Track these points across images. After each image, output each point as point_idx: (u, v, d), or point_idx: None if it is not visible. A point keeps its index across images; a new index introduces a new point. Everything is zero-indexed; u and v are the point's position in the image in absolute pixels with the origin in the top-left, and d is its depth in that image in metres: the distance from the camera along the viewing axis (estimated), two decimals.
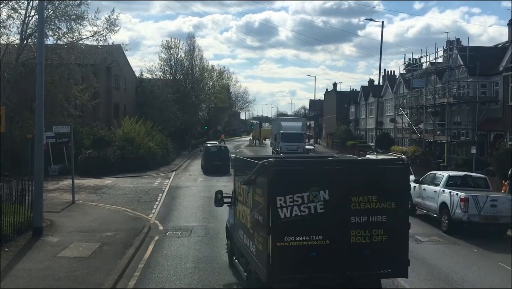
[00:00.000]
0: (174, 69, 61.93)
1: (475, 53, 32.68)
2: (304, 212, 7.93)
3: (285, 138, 44.31)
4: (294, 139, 43.47)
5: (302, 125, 48.96)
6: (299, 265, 8.01)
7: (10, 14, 28.76)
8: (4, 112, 14.71)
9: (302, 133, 47.11)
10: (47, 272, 11.36)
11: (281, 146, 43.97)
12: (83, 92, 32.49)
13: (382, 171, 8.63)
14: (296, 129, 46.27)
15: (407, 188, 8.59)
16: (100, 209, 19.96)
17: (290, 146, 43.40)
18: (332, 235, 8.05)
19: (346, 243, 8.10)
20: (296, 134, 45.19)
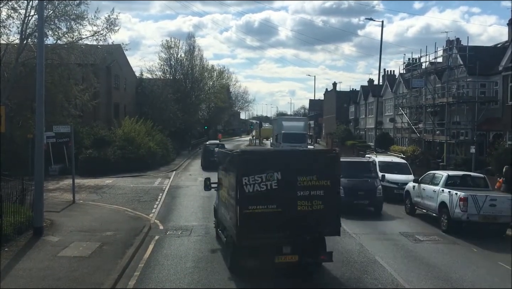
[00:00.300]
0: (174, 69, 61.95)
1: (474, 53, 32.74)
2: (263, 188, 10.75)
3: (286, 138, 42.42)
4: (296, 140, 41.32)
5: (304, 125, 46.89)
6: (260, 227, 10.78)
7: (10, 14, 28.80)
8: (4, 112, 14.72)
9: (304, 134, 45.00)
10: (47, 271, 11.38)
11: (282, 146, 42.08)
12: (83, 92, 32.51)
13: (320, 158, 11.79)
14: (298, 129, 44.31)
15: (338, 170, 11.72)
16: (101, 209, 19.98)
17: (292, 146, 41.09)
18: (284, 204, 10.85)
19: (294, 210, 10.88)
20: (298, 134, 42.93)
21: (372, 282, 11.44)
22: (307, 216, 10.94)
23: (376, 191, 20.07)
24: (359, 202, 19.86)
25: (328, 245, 11.91)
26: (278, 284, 11.15)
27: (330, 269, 12.30)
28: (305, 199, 10.93)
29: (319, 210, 11.00)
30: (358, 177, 20.35)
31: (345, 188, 18.48)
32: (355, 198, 19.53)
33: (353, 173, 20.31)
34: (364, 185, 20.20)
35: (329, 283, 11.33)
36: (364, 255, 13.67)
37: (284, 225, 10.85)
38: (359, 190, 19.87)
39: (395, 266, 12.67)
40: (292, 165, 11.16)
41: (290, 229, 10.91)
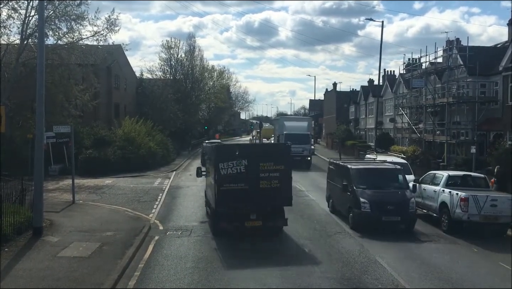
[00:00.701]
0: (174, 69, 61.93)
1: (474, 53, 32.69)
2: (234, 171, 14.57)
3: (288, 140, 40.74)
4: (299, 140, 38.37)
5: (307, 125, 43.41)
6: (232, 200, 14.62)
7: (10, 14, 28.78)
8: (4, 113, 14.71)
9: (308, 134, 41.34)
10: (47, 272, 11.37)
11: None
12: (83, 92, 32.50)
13: (276, 149, 17.72)
14: (301, 130, 41.10)
15: (290, 158, 15.79)
16: (100, 209, 19.97)
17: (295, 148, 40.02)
18: (249, 183, 14.63)
19: (257, 187, 14.63)
20: (301, 135, 39.61)
21: (372, 282, 11.43)
22: (267, 192, 14.74)
23: (409, 204, 16.77)
24: (389, 218, 16.41)
25: (328, 244, 11.82)
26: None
27: (330, 269, 12.30)
28: (266, 179, 14.75)
29: (276, 187, 14.80)
30: (385, 188, 17.41)
31: (370, 201, 16.45)
32: (383, 213, 16.32)
33: (378, 183, 17.53)
34: (394, 197, 16.98)
35: (330, 284, 11.32)
36: (365, 256, 13.65)
37: (250, 198, 14.71)
38: (388, 203, 16.54)
39: (395, 266, 12.65)
40: (255, 154, 15.23)
41: (255, 202, 14.80)
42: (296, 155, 38.90)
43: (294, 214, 19.57)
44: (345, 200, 17.94)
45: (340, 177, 18.88)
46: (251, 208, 14.84)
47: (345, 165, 19.05)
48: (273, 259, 13.10)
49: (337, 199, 19.38)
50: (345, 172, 18.49)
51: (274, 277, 11.52)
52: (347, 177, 17.97)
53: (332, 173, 20.53)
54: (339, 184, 18.74)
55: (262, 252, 13.81)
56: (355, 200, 16.85)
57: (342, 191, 18.08)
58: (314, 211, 20.50)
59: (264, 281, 11.21)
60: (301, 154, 38.37)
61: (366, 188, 17.02)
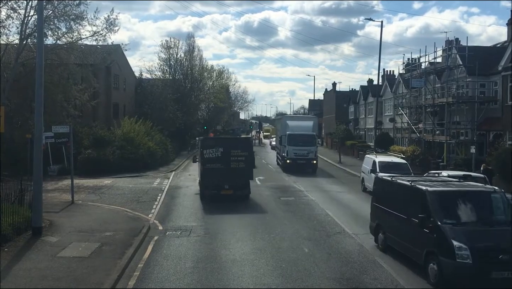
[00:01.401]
0: (174, 69, 61.84)
1: (474, 53, 32.70)
2: (213, 156, 21.27)
3: (292, 141, 35.69)
4: (303, 142, 35.39)
5: (312, 124, 38.41)
6: (212, 175, 21.27)
7: (9, 14, 28.75)
8: (3, 113, 14.69)
9: (313, 135, 37.18)
10: (46, 272, 11.36)
11: (288, 151, 35.62)
12: (82, 92, 32.47)
13: (242, 141, 25.82)
14: (306, 129, 36.96)
15: (251, 147, 23.35)
16: (100, 209, 19.94)
17: (299, 150, 35.40)
18: (224, 164, 21.16)
19: (229, 167, 21.17)
20: (306, 136, 36.18)
21: (372, 282, 11.42)
22: (236, 170, 21.53)
23: None
24: (503, 274, 10.62)
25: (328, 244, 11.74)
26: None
27: (330, 269, 12.29)
28: (235, 161, 21.54)
29: (242, 167, 21.63)
30: (486, 223, 11.65)
31: (471, 247, 10.70)
32: (493, 266, 10.59)
33: (475, 215, 11.76)
34: (506, 238, 11.03)
35: (330, 284, 11.31)
36: (364, 255, 13.64)
37: (224, 174, 21.42)
38: (500, 250, 10.78)
39: (395, 267, 12.64)
40: (228, 144, 22.28)
41: (227, 177, 21.44)
42: (300, 158, 35.43)
43: (294, 215, 19.57)
44: (416, 239, 12.18)
45: (404, 201, 13.14)
46: (225, 181, 21.52)
47: (414, 185, 12.89)
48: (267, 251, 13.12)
49: (396, 233, 13.42)
50: (414, 195, 12.58)
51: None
52: (421, 204, 12.05)
53: (385, 194, 14.67)
54: (400, 212, 13.13)
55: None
56: (441, 243, 11.14)
57: (408, 224, 12.52)
58: (314, 211, 20.46)
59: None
60: (305, 156, 35.39)
61: (458, 224, 11.37)
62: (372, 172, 24.95)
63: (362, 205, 21.65)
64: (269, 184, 28.76)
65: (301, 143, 35.44)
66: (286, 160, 35.82)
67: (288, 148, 35.63)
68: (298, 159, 35.36)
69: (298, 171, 34.24)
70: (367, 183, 25.92)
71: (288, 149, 35.67)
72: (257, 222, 17.84)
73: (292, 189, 26.82)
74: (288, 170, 35.36)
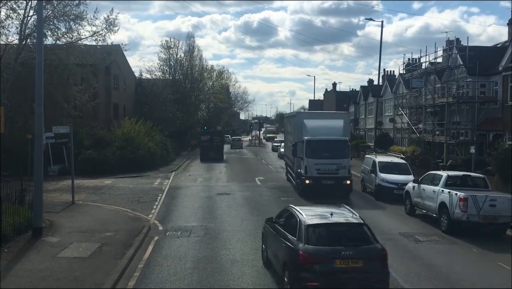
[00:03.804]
0: (174, 69, 61.88)
1: (474, 53, 32.70)
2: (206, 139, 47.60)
3: (313, 150, 23.85)
4: (331, 152, 23.83)
5: (344, 124, 25.59)
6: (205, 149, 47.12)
7: (9, 14, 28.75)
8: (3, 113, 14.69)
9: (346, 140, 24.54)
10: (47, 272, 11.37)
11: (307, 165, 23.68)
12: (82, 92, 32.47)
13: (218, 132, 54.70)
14: (334, 132, 24.75)
15: (223, 135, 55.46)
16: (100, 209, 19.96)
17: (324, 165, 23.71)
18: (210, 144, 46.93)
19: (212, 145, 46.82)
20: (335, 142, 24.17)
21: None
22: (216, 146, 46.59)
23: None
24: None
25: None
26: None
27: None
28: (215, 142, 46.85)
29: (219, 145, 47.11)
30: None
31: None
32: None
33: None
34: None
35: None
36: None
37: (211, 148, 46.27)
38: None
39: (394, 266, 12.62)
40: (213, 134, 48.83)
41: (212, 149, 46.24)
42: (325, 176, 23.57)
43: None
44: None
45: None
46: (212, 150, 45.90)
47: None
48: None
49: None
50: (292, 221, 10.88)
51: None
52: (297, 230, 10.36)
53: None
54: None
55: None
56: None
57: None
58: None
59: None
60: (334, 174, 23.62)
61: None
62: (372, 172, 24.99)
63: (362, 204, 21.67)
64: (269, 184, 28.79)
65: (327, 154, 23.74)
66: (305, 179, 23.68)
67: (308, 162, 23.72)
68: (323, 177, 23.58)
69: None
70: (367, 183, 25.94)
71: (307, 162, 23.74)
72: (257, 222, 17.83)
73: (291, 189, 26.81)
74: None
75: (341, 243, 9.88)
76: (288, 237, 10.53)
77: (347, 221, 10.73)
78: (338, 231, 10.33)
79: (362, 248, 9.92)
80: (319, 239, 10.01)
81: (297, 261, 9.74)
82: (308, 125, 25.21)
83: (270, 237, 11.93)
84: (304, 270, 9.61)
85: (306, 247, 9.81)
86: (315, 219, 10.42)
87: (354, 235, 10.29)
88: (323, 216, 10.72)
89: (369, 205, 22.42)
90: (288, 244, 10.35)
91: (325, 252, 9.74)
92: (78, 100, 32.62)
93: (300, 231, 10.18)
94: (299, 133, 25.29)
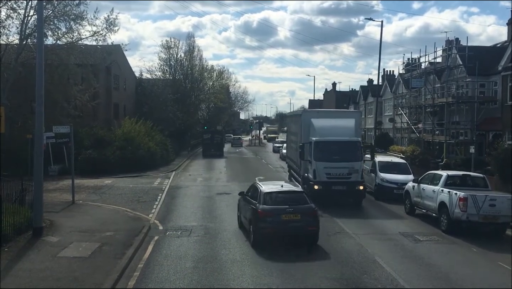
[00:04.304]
0: (174, 69, 61.87)
1: (474, 53, 32.70)
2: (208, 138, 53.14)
3: (322, 153, 21.80)
4: (342, 154, 21.79)
5: (355, 124, 23.49)
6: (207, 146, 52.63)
7: (9, 14, 28.77)
8: (3, 113, 14.71)
9: (357, 142, 22.42)
10: (47, 272, 11.38)
11: (316, 169, 21.69)
12: (82, 92, 32.49)
13: (218, 131, 59.14)
14: (345, 132, 22.60)
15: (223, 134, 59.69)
16: (100, 209, 19.98)
17: (334, 168, 21.65)
18: (212, 141, 52.32)
19: (213, 142, 52.23)
20: (346, 143, 22.13)
21: (371, 282, 11.44)
22: (216, 144, 51.97)
23: None
24: None
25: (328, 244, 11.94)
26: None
27: (330, 269, 12.32)
28: (215, 140, 52.25)
29: (219, 143, 52.60)
30: None
31: None
32: None
33: None
34: None
35: (330, 284, 11.34)
36: (364, 255, 13.67)
37: (211, 145, 51.80)
38: None
39: (394, 266, 12.67)
40: (213, 133, 54.11)
41: (213, 146, 51.60)
42: (336, 181, 21.56)
43: None
44: None
45: None
46: (213, 148, 51.34)
47: None
48: None
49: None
50: None
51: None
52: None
53: None
54: None
55: None
56: None
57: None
58: None
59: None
60: (346, 178, 21.57)
61: None
62: (371, 172, 25.00)
63: (362, 205, 21.68)
64: None
65: (337, 156, 21.69)
66: (313, 184, 21.62)
67: (316, 165, 21.71)
68: (333, 182, 21.58)
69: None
70: (367, 183, 25.88)
71: (315, 166, 21.75)
72: None
73: None
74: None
75: (286, 204, 14.39)
76: (253, 202, 14.93)
77: (291, 189, 15.85)
78: (285, 196, 14.86)
79: (300, 206, 14.40)
80: (272, 201, 14.51)
81: (258, 216, 14.17)
82: (316, 125, 22.95)
83: (242, 206, 16.39)
84: (262, 221, 14.02)
85: (263, 206, 14.31)
86: (270, 189, 15.06)
87: (295, 198, 14.84)
88: (276, 187, 15.43)
89: (369, 204, 22.41)
90: (252, 207, 14.70)
91: (275, 209, 14.23)
92: (78, 100, 32.63)
93: (260, 197, 14.66)
94: (306, 134, 23.20)
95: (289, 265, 12.62)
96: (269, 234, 14.04)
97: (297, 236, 14.32)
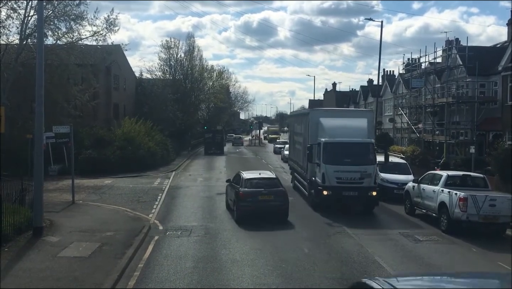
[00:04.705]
0: (174, 69, 61.86)
1: (474, 53, 32.71)
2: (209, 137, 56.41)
3: (332, 155, 20.03)
4: (353, 156, 20.09)
5: (367, 124, 21.79)
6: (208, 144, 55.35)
7: (9, 14, 28.80)
8: (4, 113, 14.72)
9: (371, 144, 20.65)
10: (47, 272, 11.38)
11: (326, 172, 19.91)
12: (82, 92, 32.50)
13: (219, 131, 63.27)
14: (357, 133, 20.81)
15: (223, 133, 62.70)
16: (100, 209, 19.98)
17: (345, 172, 19.91)
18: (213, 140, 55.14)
19: (215, 141, 55.00)
20: (358, 145, 20.48)
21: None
22: (217, 143, 54.81)
23: None
24: None
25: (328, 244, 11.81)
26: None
27: (330, 269, 12.33)
28: (216, 139, 55.26)
29: (220, 142, 55.51)
30: None
31: None
32: None
33: None
34: None
35: (330, 284, 11.34)
36: (364, 255, 13.67)
37: (213, 143, 54.57)
38: None
39: (394, 266, 12.68)
40: (214, 133, 57.67)
41: (214, 144, 54.45)
42: (347, 186, 19.87)
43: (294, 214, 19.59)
44: None
45: None
46: (213, 146, 53.97)
47: None
48: None
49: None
50: None
51: None
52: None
53: None
54: None
55: None
56: None
57: None
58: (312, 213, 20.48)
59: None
60: (358, 184, 19.85)
61: None
62: None
63: None
64: None
65: (349, 159, 19.99)
66: (322, 189, 20.02)
67: (326, 168, 19.95)
68: (343, 187, 19.88)
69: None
70: None
71: (325, 169, 19.97)
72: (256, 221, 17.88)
73: (290, 189, 26.79)
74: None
75: (262, 187, 18.03)
76: (236, 186, 18.44)
77: (267, 176, 19.42)
78: (261, 181, 18.45)
79: (273, 189, 18.03)
80: (251, 185, 18.06)
81: (240, 197, 17.70)
82: (325, 124, 21.05)
83: (229, 191, 19.97)
84: (243, 201, 17.60)
85: (244, 189, 17.84)
86: (250, 176, 18.79)
87: (270, 183, 18.44)
88: (254, 174, 19.27)
89: None
90: (236, 190, 18.17)
91: (253, 191, 17.79)
92: (78, 100, 32.64)
93: (242, 182, 18.25)
94: (314, 135, 21.31)
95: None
96: (249, 211, 17.55)
97: (271, 212, 17.75)
